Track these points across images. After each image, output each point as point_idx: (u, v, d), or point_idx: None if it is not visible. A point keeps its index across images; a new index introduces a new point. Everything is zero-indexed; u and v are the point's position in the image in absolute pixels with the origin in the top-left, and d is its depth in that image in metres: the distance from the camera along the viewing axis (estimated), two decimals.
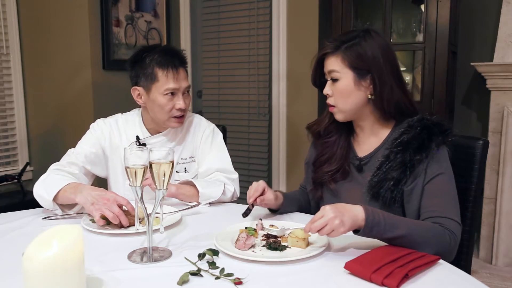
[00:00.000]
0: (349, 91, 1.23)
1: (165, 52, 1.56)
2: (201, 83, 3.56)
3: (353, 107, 1.25)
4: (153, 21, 3.29)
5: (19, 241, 1.15)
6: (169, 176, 1.03)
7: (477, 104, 2.96)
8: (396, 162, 1.17)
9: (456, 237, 1.11)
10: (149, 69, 1.54)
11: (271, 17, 3.12)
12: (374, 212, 1.03)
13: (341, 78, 1.23)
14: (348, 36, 1.24)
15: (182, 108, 1.56)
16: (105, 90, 2.94)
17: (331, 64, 1.24)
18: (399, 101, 1.23)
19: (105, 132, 1.64)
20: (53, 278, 0.78)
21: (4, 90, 3.05)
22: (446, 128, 1.20)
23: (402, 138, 1.19)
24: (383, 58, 1.21)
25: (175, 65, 1.54)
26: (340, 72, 1.23)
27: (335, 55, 1.23)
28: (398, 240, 1.04)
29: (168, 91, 1.53)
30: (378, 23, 2.77)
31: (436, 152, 1.17)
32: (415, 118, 1.22)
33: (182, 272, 0.92)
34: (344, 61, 1.22)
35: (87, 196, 1.31)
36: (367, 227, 1.01)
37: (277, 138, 3.17)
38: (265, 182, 1.32)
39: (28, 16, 3.06)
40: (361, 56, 1.21)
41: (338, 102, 1.26)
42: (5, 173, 2.99)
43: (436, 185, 1.16)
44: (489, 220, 2.67)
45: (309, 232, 1.04)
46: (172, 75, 1.53)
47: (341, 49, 1.23)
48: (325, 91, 1.28)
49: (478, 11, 2.91)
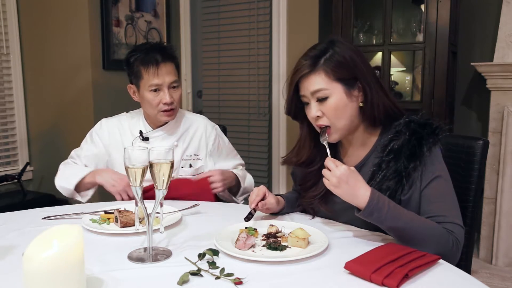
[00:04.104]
0: (343, 105, 1.16)
1: (148, 49, 1.61)
2: (201, 83, 3.56)
3: (349, 121, 1.19)
4: (153, 21, 3.29)
5: (19, 241, 1.15)
6: (169, 176, 1.03)
7: (477, 104, 2.96)
8: (390, 172, 1.14)
9: (459, 243, 1.09)
10: (135, 67, 1.61)
11: (271, 17, 3.12)
12: (379, 198, 1.04)
13: (331, 95, 1.15)
14: (319, 50, 1.17)
15: (168, 102, 1.60)
16: (105, 90, 2.94)
17: (314, 84, 1.16)
18: (385, 103, 1.19)
19: (106, 131, 1.71)
20: (53, 278, 0.78)
21: (4, 90, 3.05)
22: (435, 127, 1.16)
23: (391, 145, 1.15)
24: (360, 60, 1.17)
25: (157, 60, 1.58)
26: (329, 88, 1.15)
27: (316, 73, 1.15)
28: (396, 232, 1.04)
29: (152, 87, 1.59)
30: (378, 23, 2.77)
31: (428, 156, 1.13)
32: (402, 122, 1.17)
33: (182, 272, 0.92)
34: (329, 76, 1.15)
35: (108, 178, 1.56)
36: (367, 209, 1.03)
37: (277, 138, 3.17)
38: (265, 187, 1.31)
39: (28, 16, 3.06)
40: (343, 64, 1.15)
41: (333, 121, 1.18)
42: (5, 173, 2.99)
43: (433, 189, 1.13)
44: (489, 220, 2.67)
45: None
46: (153, 71, 1.58)
47: (320, 64, 1.15)
48: (313, 114, 1.18)
49: (478, 11, 2.91)
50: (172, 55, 1.64)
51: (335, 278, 0.93)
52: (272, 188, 3.23)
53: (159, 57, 1.59)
